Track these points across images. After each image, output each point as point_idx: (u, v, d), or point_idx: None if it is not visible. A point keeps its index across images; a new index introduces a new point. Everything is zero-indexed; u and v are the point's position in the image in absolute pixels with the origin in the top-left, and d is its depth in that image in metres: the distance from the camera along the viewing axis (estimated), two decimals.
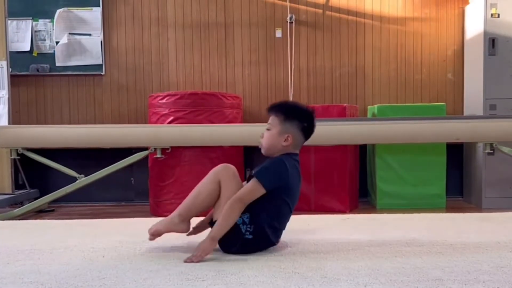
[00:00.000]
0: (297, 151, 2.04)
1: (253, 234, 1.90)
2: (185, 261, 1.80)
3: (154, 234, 1.99)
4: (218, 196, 1.98)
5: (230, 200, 1.87)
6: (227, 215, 1.86)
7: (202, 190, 2.01)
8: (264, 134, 2.03)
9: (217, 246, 1.94)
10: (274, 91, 4.73)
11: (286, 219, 2.02)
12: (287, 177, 1.95)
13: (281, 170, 1.94)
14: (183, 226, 2.01)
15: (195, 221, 2.09)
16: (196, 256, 1.81)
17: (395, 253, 1.90)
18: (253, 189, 1.90)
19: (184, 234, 2.06)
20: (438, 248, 1.97)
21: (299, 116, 2.00)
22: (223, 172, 2.00)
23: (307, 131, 2.02)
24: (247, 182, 2.00)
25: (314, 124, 2.03)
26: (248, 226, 1.90)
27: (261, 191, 1.90)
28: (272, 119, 2.01)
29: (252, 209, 1.91)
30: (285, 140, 1.98)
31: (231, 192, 1.94)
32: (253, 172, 1.99)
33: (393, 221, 2.68)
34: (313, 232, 2.35)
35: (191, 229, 2.07)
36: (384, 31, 4.71)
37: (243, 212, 1.91)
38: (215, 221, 1.94)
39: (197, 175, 3.99)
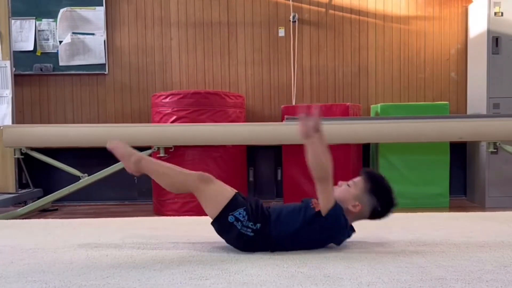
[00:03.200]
0: (352, 222, 1.96)
1: (255, 232, 1.89)
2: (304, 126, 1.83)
3: (109, 148, 2.08)
4: (176, 191, 2.09)
5: (328, 174, 1.83)
6: (321, 160, 1.86)
7: (170, 180, 2.04)
8: (343, 184, 1.97)
9: (222, 244, 1.94)
10: (277, 90, 4.73)
11: (295, 249, 1.97)
12: (337, 233, 1.92)
13: (341, 229, 1.90)
14: (132, 167, 2.04)
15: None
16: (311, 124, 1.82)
17: (398, 252, 1.89)
18: (331, 194, 1.85)
19: (185, 233, 2.06)
20: (441, 247, 1.97)
21: (381, 198, 1.93)
22: (199, 185, 1.96)
23: (375, 214, 1.95)
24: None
25: (386, 215, 1.97)
26: (243, 222, 1.88)
27: (331, 202, 1.85)
28: (360, 181, 1.95)
29: (276, 223, 1.89)
30: (353, 206, 1.91)
31: (215, 189, 1.94)
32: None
33: (396, 220, 2.67)
34: None
35: (138, 176, 2.11)
36: (387, 30, 4.71)
37: (233, 209, 1.88)
38: (213, 219, 1.91)
39: None
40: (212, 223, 1.94)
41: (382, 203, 1.94)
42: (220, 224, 1.90)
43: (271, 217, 1.91)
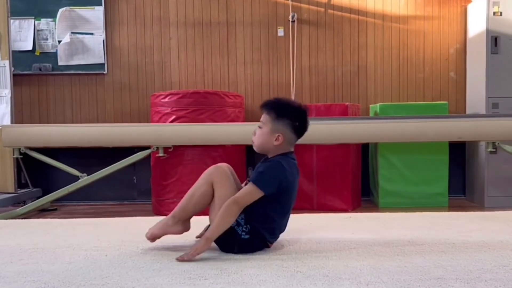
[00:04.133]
0: (292, 149, 2.00)
1: (249, 234, 1.89)
2: (177, 259, 1.79)
3: (150, 238, 2.01)
4: (212, 198, 1.98)
5: (227, 202, 1.85)
6: (223, 217, 1.84)
7: (195, 191, 2.00)
8: (256, 131, 2.01)
9: (216, 246, 1.94)
10: (276, 90, 4.73)
11: (284, 219, 2.00)
12: (286, 178, 1.92)
13: (280, 173, 1.91)
14: (178, 228, 2.01)
15: (198, 227, 2.09)
16: (188, 254, 1.81)
17: (397, 252, 1.90)
18: (250, 192, 1.88)
19: (186, 233, 2.06)
20: (441, 246, 1.97)
21: (291, 115, 1.95)
22: (215, 173, 1.98)
23: (299, 130, 1.97)
24: (245, 182, 2.00)
25: (307, 123, 1.98)
26: (244, 226, 1.89)
27: (259, 194, 1.88)
28: (264, 117, 1.98)
29: (248, 210, 1.90)
30: (276, 139, 1.94)
31: (225, 193, 1.92)
32: (250, 176, 1.97)
33: (395, 220, 2.68)
34: (315, 231, 2.35)
35: (190, 229, 2.06)
36: (386, 29, 4.71)
37: (246, 224, 1.90)
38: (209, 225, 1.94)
39: (199, 174, 4.00)
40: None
41: (294, 118, 1.96)
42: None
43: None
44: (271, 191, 1.89)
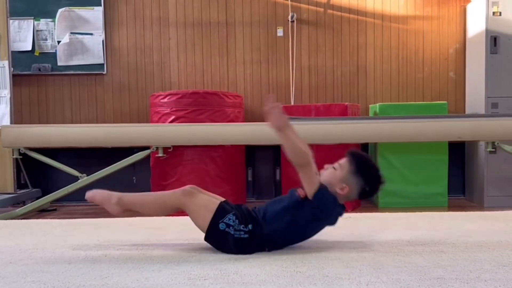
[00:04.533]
0: (343, 202, 1.97)
1: (248, 234, 1.89)
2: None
3: (89, 199, 2.04)
4: (163, 214, 2.04)
5: (308, 156, 1.84)
6: (298, 147, 1.83)
7: (156, 205, 2.00)
8: (328, 167, 1.98)
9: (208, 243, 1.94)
10: (275, 90, 4.73)
11: (290, 242, 1.97)
12: (327, 213, 1.92)
13: (331, 204, 1.91)
14: (116, 209, 2.00)
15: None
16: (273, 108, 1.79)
17: (397, 252, 1.89)
18: (315, 178, 1.86)
19: (186, 233, 2.06)
20: (440, 247, 1.97)
21: (368, 178, 1.94)
22: (184, 198, 1.93)
23: (364, 194, 1.96)
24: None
25: (375, 193, 1.97)
26: (235, 226, 1.87)
27: (315, 185, 1.85)
28: (345, 163, 1.96)
29: (265, 221, 1.89)
30: (341, 188, 1.92)
31: (201, 203, 1.91)
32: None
33: (395, 220, 2.67)
34: None
35: (124, 217, 2.08)
36: (385, 29, 4.71)
37: (222, 217, 1.87)
38: (206, 233, 1.90)
39: (199, 174, 4.02)
40: (206, 238, 1.92)
41: (369, 182, 1.95)
42: (214, 235, 1.89)
43: (258, 216, 1.92)
44: (315, 199, 1.86)
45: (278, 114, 1.83)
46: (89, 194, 2.04)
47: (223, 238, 1.88)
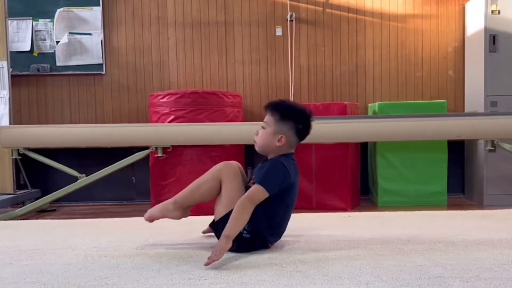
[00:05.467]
0: (292, 151, 2.02)
1: (250, 234, 1.90)
2: (206, 264, 1.73)
3: (149, 220, 2.06)
4: (218, 193, 1.99)
5: (241, 200, 1.86)
6: (239, 214, 1.84)
7: (202, 184, 2.01)
8: (259, 131, 2.02)
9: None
10: (274, 90, 4.73)
11: (286, 218, 2.01)
12: (289, 179, 1.94)
13: (283, 174, 1.93)
14: (177, 213, 2.03)
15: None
16: (215, 255, 1.76)
17: (396, 251, 1.90)
18: (258, 192, 1.88)
19: (186, 233, 2.06)
20: (440, 245, 1.97)
21: (294, 117, 1.97)
22: (225, 170, 2.00)
23: (302, 133, 1.99)
24: (249, 183, 2.00)
25: (310, 126, 2.00)
26: (246, 225, 1.89)
27: (265, 195, 1.88)
28: (268, 118, 1.99)
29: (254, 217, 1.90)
30: (278, 140, 1.95)
31: (232, 190, 1.94)
32: (253, 176, 1.97)
33: (394, 219, 2.68)
34: (314, 230, 2.35)
35: (188, 216, 2.08)
36: (384, 28, 4.71)
37: (248, 223, 1.89)
38: (216, 220, 1.94)
39: (198, 174, 4.00)
40: (214, 225, 1.93)
41: (298, 120, 1.97)
42: (223, 226, 1.89)
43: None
44: (274, 192, 1.90)
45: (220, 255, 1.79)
46: (147, 216, 2.06)
47: None
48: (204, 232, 2.17)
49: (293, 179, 1.97)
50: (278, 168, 1.93)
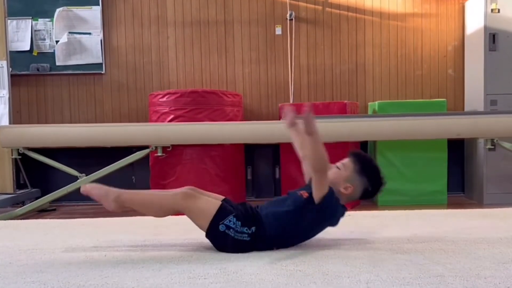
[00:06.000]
0: (344, 203, 2.00)
1: (250, 237, 1.88)
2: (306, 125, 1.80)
3: (85, 193, 1.97)
4: (162, 215, 1.98)
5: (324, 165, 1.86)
6: (321, 150, 1.85)
7: (155, 203, 1.97)
8: (332, 167, 1.99)
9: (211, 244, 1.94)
10: (274, 89, 4.73)
11: (295, 242, 1.99)
12: (334, 215, 1.94)
13: (336, 207, 1.93)
14: (114, 205, 1.96)
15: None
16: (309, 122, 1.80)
17: (396, 250, 1.90)
18: (326, 182, 1.88)
19: (186, 233, 2.06)
20: (440, 244, 1.97)
21: (371, 178, 1.97)
22: (181, 201, 1.91)
23: (367, 194, 1.99)
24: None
25: (377, 193, 2.01)
26: (236, 228, 1.87)
27: (325, 190, 1.87)
28: (349, 163, 1.99)
29: (268, 222, 1.90)
30: (345, 188, 1.95)
31: (200, 206, 1.89)
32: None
33: (394, 217, 2.68)
34: None
35: (120, 211, 2.03)
36: (384, 27, 4.71)
37: (222, 218, 1.86)
38: (208, 230, 1.89)
39: (198, 173, 4.02)
40: (209, 235, 1.93)
41: (372, 183, 1.98)
42: (214, 236, 1.89)
43: (261, 216, 1.92)
44: (327, 200, 1.88)
45: (312, 121, 1.83)
46: (86, 188, 1.97)
47: (222, 240, 1.88)
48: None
49: (334, 219, 1.97)
50: (336, 201, 1.93)
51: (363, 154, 2.05)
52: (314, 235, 1.99)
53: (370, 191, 1.99)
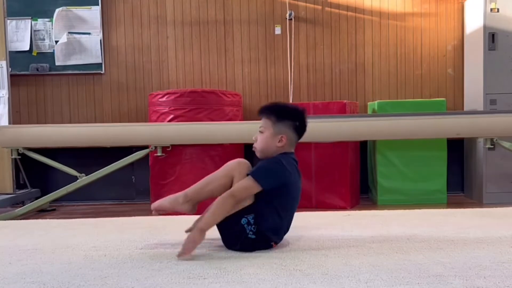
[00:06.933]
0: (292, 150, 2.04)
1: (256, 235, 1.90)
2: (178, 256, 1.80)
3: (157, 210, 2.04)
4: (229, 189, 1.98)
5: (223, 194, 1.88)
6: (217, 209, 1.86)
7: (214, 180, 2.01)
8: (257, 137, 2.03)
9: (221, 243, 1.95)
10: (274, 88, 4.72)
11: (288, 218, 2.01)
12: (286, 175, 1.95)
13: (279, 169, 1.95)
14: (187, 207, 2.01)
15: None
16: (186, 248, 1.81)
17: (396, 249, 1.90)
18: (248, 186, 1.90)
19: (183, 232, 2.05)
20: (439, 244, 1.97)
21: (290, 116, 2.01)
22: (238, 168, 1.99)
23: (300, 129, 2.03)
24: None
25: (306, 122, 2.04)
26: (253, 226, 1.90)
27: (257, 189, 1.90)
28: (264, 122, 2.02)
29: (257, 209, 1.92)
30: (279, 141, 1.98)
31: (241, 190, 1.93)
32: (249, 171, 1.98)
33: (394, 217, 2.68)
34: (314, 229, 2.35)
35: (195, 212, 2.06)
36: (383, 27, 4.71)
37: (248, 213, 1.91)
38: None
39: (198, 173, 4.01)
40: (218, 224, 1.93)
41: (294, 118, 2.01)
42: (230, 225, 1.90)
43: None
44: (270, 186, 1.91)
45: (191, 248, 1.84)
46: (155, 205, 2.04)
47: (236, 232, 1.90)
48: (187, 231, 2.09)
49: (292, 177, 1.98)
50: (275, 163, 1.96)
51: (268, 105, 2.08)
52: (294, 197, 2.01)
53: (300, 125, 2.02)
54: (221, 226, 1.95)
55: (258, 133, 2.03)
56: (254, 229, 1.90)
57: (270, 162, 1.97)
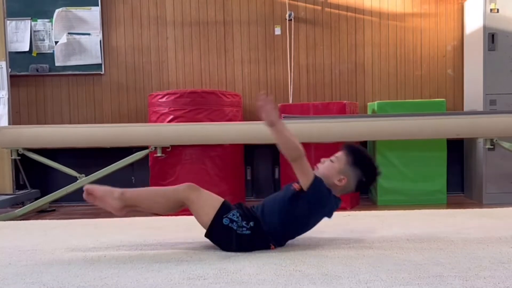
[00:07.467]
0: (339, 195, 2.00)
1: (250, 230, 1.90)
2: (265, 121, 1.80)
3: (89, 192, 1.97)
4: (169, 211, 1.98)
5: (300, 151, 1.85)
6: (290, 142, 1.84)
7: (160, 197, 1.98)
8: (325, 161, 2.01)
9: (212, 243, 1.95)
10: (274, 89, 4.73)
11: (297, 233, 2.00)
12: (324, 204, 1.94)
13: (327, 196, 1.93)
14: (117, 204, 1.96)
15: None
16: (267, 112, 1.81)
17: (396, 249, 1.90)
18: (309, 171, 1.87)
19: (186, 233, 2.06)
20: (439, 244, 1.97)
21: (365, 169, 1.98)
22: (186, 191, 1.92)
23: (362, 185, 2.00)
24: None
25: (372, 184, 2.02)
26: (240, 222, 1.89)
27: (307, 180, 1.87)
28: (341, 155, 1.99)
29: (263, 218, 1.91)
30: (339, 180, 1.95)
31: (204, 199, 1.91)
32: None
33: (393, 217, 2.68)
34: (314, 229, 2.35)
35: (124, 214, 2.02)
36: (383, 27, 4.71)
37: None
38: (208, 227, 1.90)
39: (198, 173, 4.02)
40: (207, 234, 1.93)
41: (366, 173, 1.98)
42: (216, 230, 1.89)
43: (257, 214, 1.94)
44: (315, 189, 1.88)
45: (269, 109, 1.84)
46: (89, 186, 1.98)
47: (225, 234, 1.89)
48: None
49: (328, 210, 1.97)
50: (328, 190, 1.94)
51: (356, 146, 2.05)
52: (310, 227, 1.99)
53: (365, 182, 1.99)
54: (212, 237, 1.93)
55: (330, 158, 2.00)
56: (253, 224, 1.89)
57: (325, 186, 1.94)
